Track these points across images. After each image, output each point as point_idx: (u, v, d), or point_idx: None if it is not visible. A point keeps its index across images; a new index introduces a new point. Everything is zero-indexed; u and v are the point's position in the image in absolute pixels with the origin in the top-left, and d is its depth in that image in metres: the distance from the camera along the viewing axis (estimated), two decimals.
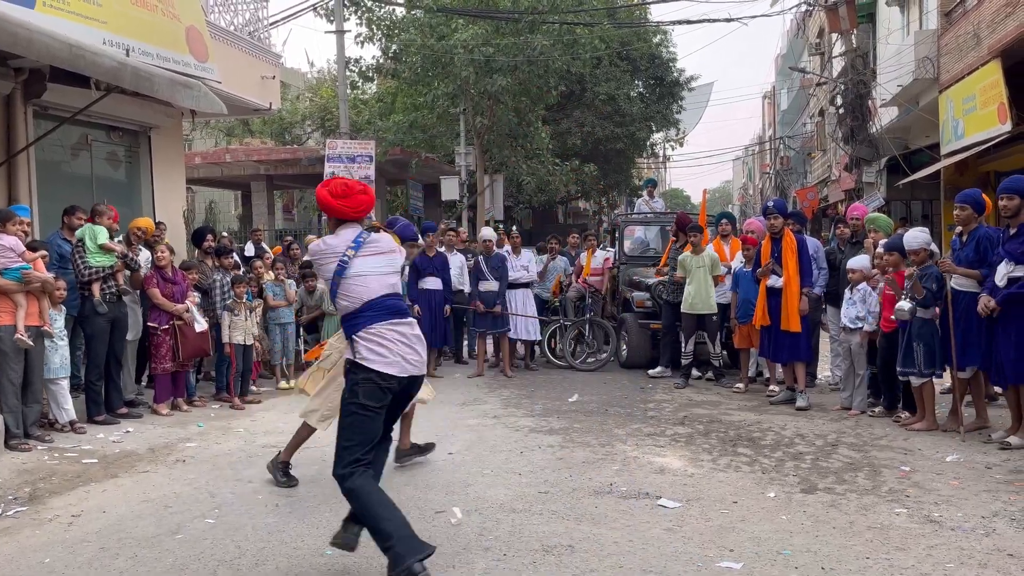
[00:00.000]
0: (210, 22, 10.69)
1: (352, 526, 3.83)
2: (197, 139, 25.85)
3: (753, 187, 64.11)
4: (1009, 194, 5.84)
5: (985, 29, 12.14)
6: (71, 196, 8.42)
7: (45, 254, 6.65)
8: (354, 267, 3.73)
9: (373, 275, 3.75)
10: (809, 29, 28.81)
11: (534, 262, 10.28)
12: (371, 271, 3.76)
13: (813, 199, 28.09)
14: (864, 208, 8.83)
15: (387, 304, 3.76)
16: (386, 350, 3.67)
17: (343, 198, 3.83)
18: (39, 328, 6.35)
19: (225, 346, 7.95)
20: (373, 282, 3.74)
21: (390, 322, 3.72)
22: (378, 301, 3.73)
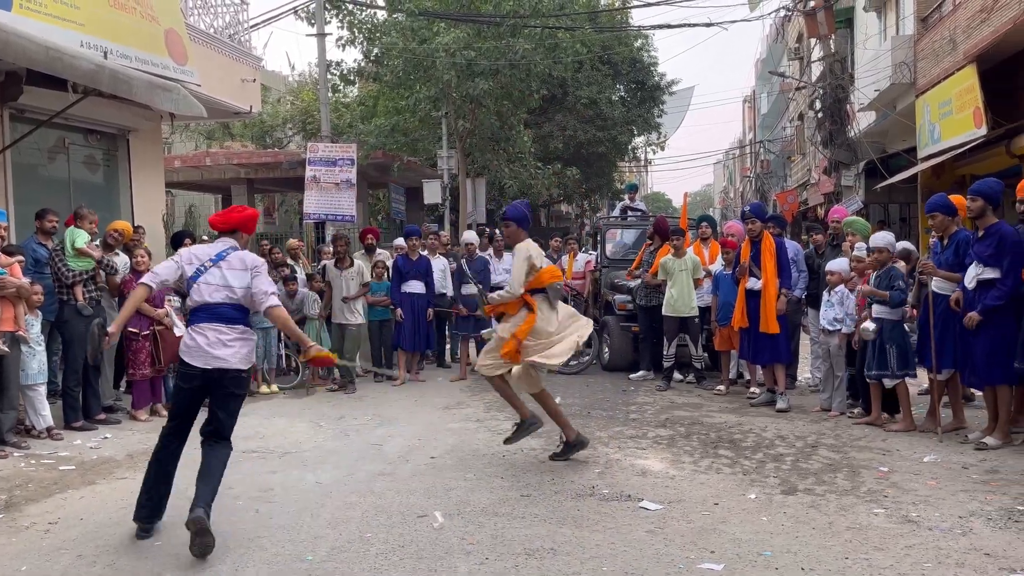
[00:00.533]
0: (189, 24, 10.62)
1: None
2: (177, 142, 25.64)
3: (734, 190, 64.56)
4: (972, 196, 5.96)
5: (961, 34, 12.31)
6: (48, 200, 8.33)
7: (21, 259, 6.58)
8: (206, 276, 4.40)
9: (216, 285, 4.41)
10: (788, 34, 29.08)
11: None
12: (216, 282, 4.41)
13: (793, 202, 28.33)
14: (845, 211, 8.92)
15: (219, 311, 4.38)
16: (196, 345, 4.31)
17: (220, 215, 4.71)
18: (14, 334, 6.27)
19: None
20: (215, 291, 4.41)
21: (214, 324, 4.34)
22: (212, 306, 4.38)
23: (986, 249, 5.85)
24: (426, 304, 9.48)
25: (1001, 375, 5.85)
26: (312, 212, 15.11)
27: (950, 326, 6.23)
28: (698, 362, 8.96)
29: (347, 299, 9.05)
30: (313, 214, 15.16)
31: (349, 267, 9.18)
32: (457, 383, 9.34)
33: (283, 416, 7.65)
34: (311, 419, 7.48)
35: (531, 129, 21.59)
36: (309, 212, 15.17)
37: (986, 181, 6.10)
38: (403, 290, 9.38)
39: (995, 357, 5.82)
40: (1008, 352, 5.78)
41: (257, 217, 5.00)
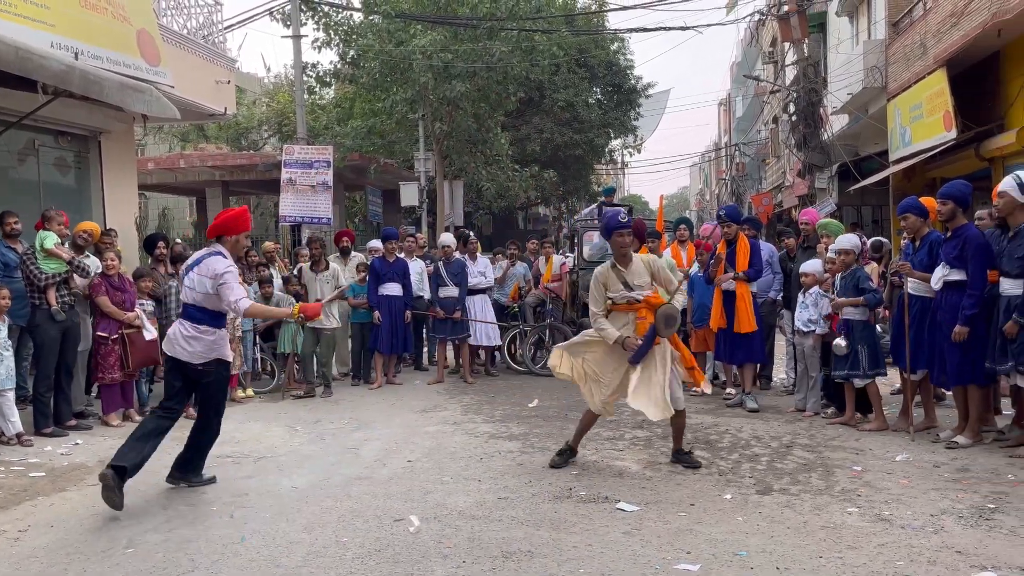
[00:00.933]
0: (162, 25, 10.51)
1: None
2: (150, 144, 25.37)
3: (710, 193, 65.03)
4: (943, 199, 6.04)
5: (931, 39, 12.49)
6: (17, 203, 8.21)
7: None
8: (186, 278, 5.27)
9: (187, 288, 5.24)
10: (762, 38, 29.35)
11: (491, 268, 10.27)
12: (188, 285, 5.23)
13: (768, 204, 28.57)
14: (815, 213, 9.00)
15: (188, 310, 5.24)
16: (170, 336, 5.26)
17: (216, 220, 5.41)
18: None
19: None
20: (186, 292, 5.27)
21: (181, 321, 5.24)
22: (185, 305, 5.29)
23: (952, 251, 5.94)
24: (403, 306, 9.44)
25: (972, 375, 5.94)
26: (288, 215, 15.01)
27: (923, 327, 6.32)
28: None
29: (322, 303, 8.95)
30: (289, 217, 15.06)
31: (324, 270, 9.09)
32: (434, 386, 9.31)
33: (258, 420, 7.59)
34: (287, 423, 7.43)
35: (508, 131, 21.62)
36: (285, 215, 15.07)
37: (955, 184, 6.19)
38: (380, 292, 9.34)
39: (967, 358, 5.91)
40: (979, 353, 5.87)
41: (237, 215, 5.44)
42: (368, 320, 9.43)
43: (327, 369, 8.94)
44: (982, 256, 5.80)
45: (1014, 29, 10.35)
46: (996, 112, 11.84)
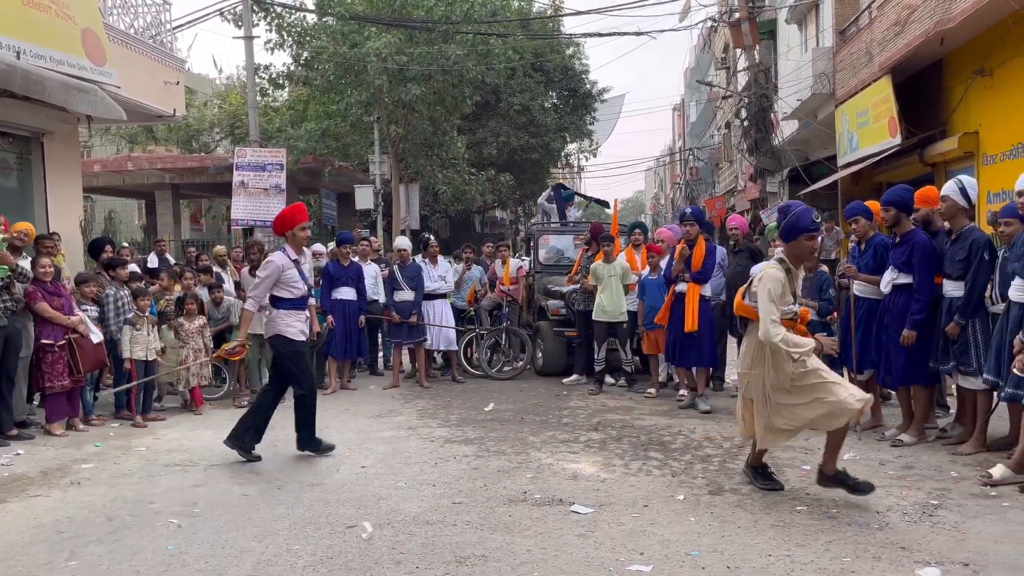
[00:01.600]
0: (108, 25, 10.29)
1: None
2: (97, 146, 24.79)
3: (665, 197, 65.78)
4: (886, 206, 6.19)
5: (876, 47, 12.81)
6: None
7: None
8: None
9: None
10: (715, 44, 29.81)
11: (451, 272, 10.22)
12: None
13: (721, 208, 29.00)
14: (741, 219, 9.14)
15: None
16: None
17: None
18: None
19: (125, 362, 7.62)
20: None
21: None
22: None
23: (901, 256, 6.09)
24: (357, 311, 9.35)
25: (916, 376, 6.09)
26: (240, 218, 14.79)
27: (870, 328, 6.46)
28: (628, 365, 9.08)
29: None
30: (241, 220, 14.85)
31: None
32: (389, 391, 9.24)
33: (209, 428, 7.44)
34: None
35: (464, 135, 21.61)
36: (237, 218, 14.85)
37: (896, 190, 6.34)
38: (334, 296, 9.24)
39: (911, 359, 6.05)
40: (924, 354, 6.02)
41: (289, 212, 6.24)
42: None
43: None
44: (929, 262, 5.95)
45: (956, 38, 10.68)
46: (939, 119, 12.20)
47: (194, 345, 8.16)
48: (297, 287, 6.17)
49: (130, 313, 7.78)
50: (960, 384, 5.98)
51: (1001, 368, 5.29)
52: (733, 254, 8.42)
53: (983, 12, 9.33)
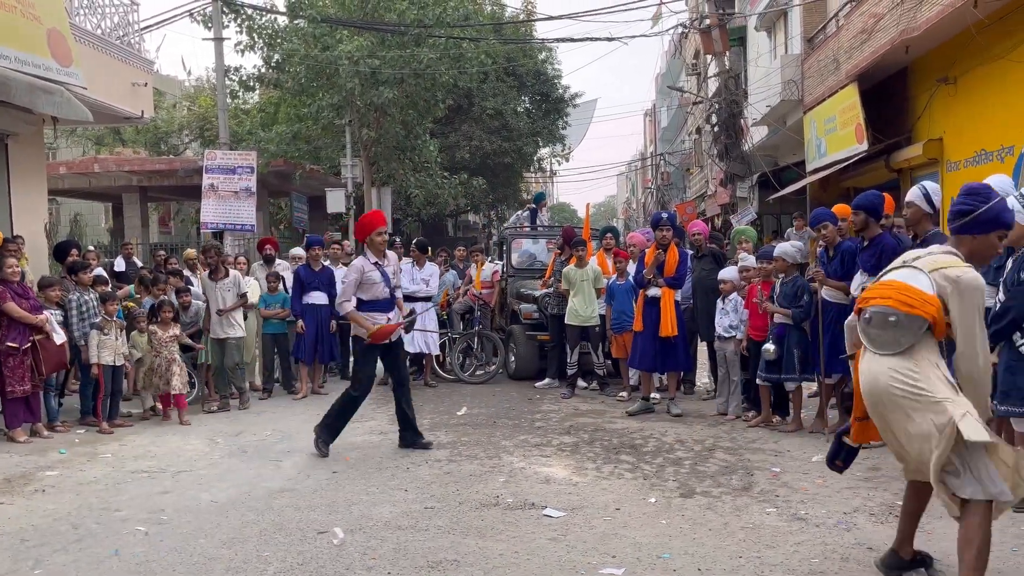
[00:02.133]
0: (75, 25, 10.13)
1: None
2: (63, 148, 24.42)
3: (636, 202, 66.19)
4: (855, 210, 6.28)
5: (843, 55, 13.01)
6: None
7: None
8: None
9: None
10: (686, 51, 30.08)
11: (436, 275, 10.15)
12: None
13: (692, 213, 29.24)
14: (703, 224, 9.21)
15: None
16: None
17: None
18: None
19: (92, 367, 7.49)
20: None
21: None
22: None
23: (870, 259, 6.18)
24: (329, 315, 9.29)
25: None
26: (210, 222, 14.62)
27: (839, 332, 6.54)
28: (600, 369, 9.12)
29: (222, 312, 8.44)
30: (211, 223, 14.68)
31: (224, 278, 8.55)
32: None
33: (177, 433, 7.35)
34: (207, 435, 7.21)
35: (437, 139, 21.58)
36: (207, 221, 14.68)
37: (866, 195, 6.44)
38: (305, 301, 9.16)
39: None
40: None
41: (365, 219, 6.61)
42: (281, 331, 9.21)
43: (237, 379, 8.54)
44: None
45: (920, 47, 10.88)
46: (904, 126, 12.42)
47: (167, 354, 7.92)
48: (378, 289, 6.45)
49: (97, 318, 7.65)
50: None
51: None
52: (697, 259, 8.48)
53: (947, 22, 9.52)
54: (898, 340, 3.43)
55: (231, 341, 8.47)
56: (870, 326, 3.53)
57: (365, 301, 6.45)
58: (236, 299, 8.56)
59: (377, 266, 6.48)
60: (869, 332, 3.53)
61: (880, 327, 3.47)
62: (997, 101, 9.69)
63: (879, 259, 6.10)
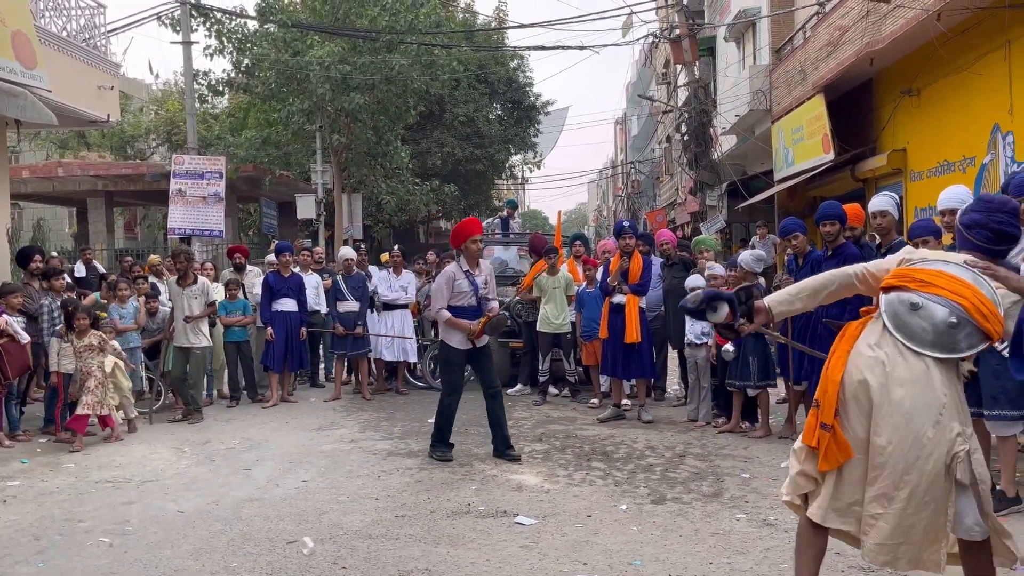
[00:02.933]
0: (40, 27, 9.97)
1: None
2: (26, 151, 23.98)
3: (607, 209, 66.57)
4: (830, 221, 6.36)
5: (810, 66, 13.22)
6: None
7: None
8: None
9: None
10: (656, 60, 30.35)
11: (414, 283, 10.10)
12: None
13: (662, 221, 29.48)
14: (670, 234, 9.28)
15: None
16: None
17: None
18: None
19: (52, 375, 7.33)
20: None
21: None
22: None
23: (835, 267, 6.27)
24: (299, 322, 9.20)
25: None
26: (177, 227, 14.44)
27: (804, 339, 6.62)
28: (571, 376, 9.14)
29: (190, 319, 8.21)
30: (178, 229, 14.50)
31: (192, 284, 8.31)
32: (331, 403, 9.10)
33: (143, 442, 7.22)
34: (173, 444, 7.10)
35: (408, 145, 21.53)
36: (174, 227, 14.50)
37: (833, 205, 6.53)
38: (274, 308, 9.06)
39: None
40: None
41: (460, 227, 6.56)
42: (244, 339, 9.10)
43: (196, 392, 8.36)
44: None
45: (885, 59, 11.08)
46: (869, 136, 12.64)
47: (83, 366, 7.17)
48: (465, 298, 6.41)
49: (59, 324, 7.51)
50: None
51: None
52: (667, 267, 8.54)
53: (910, 35, 9.71)
54: (958, 344, 2.92)
55: (196, 351, 8.23)
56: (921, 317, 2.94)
57: (451, 308, 6.41)
58: (204, 307, 8.33)
59: (468, 275, 6.44)
60: (913, 323, 2.94)
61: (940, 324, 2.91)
62: (959, 112, 9.90)
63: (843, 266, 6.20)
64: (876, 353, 2.95)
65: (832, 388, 2.98)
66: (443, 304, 6.44)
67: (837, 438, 2.96)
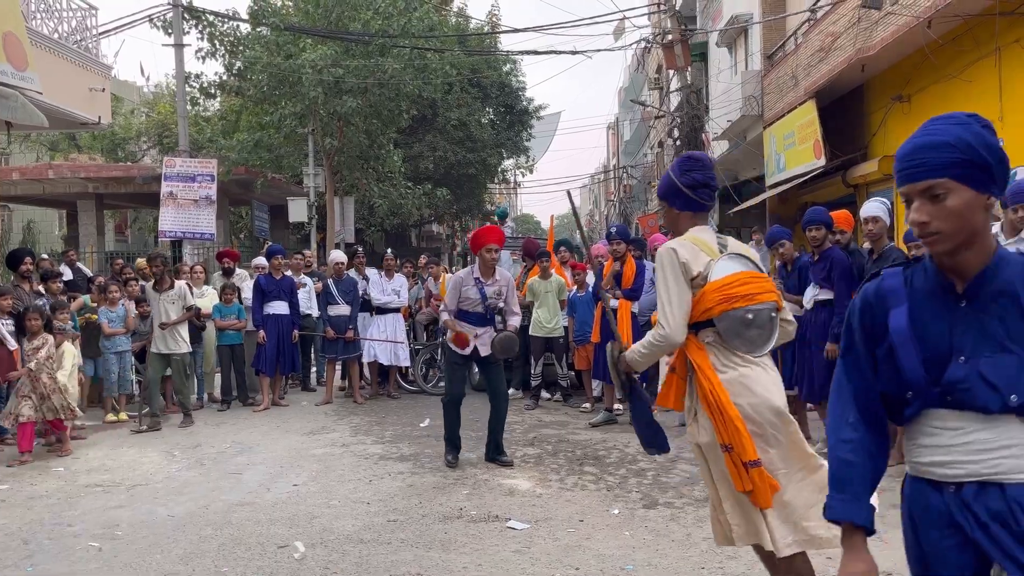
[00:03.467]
0: (31, 29, 9.93)
1: None
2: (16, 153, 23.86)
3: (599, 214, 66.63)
4: (816, 226, 6.40)
5: (801, 72, 13.27)
6: None
7: None
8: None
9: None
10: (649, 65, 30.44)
11: (406, 287, 10.09)
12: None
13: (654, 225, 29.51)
14: (664, 238, 9.31)
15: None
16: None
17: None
18: None
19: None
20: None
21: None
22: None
23: (821, 272, 6.32)
24: (291, 325, 9.18)
25: None
26: (168, 230, 14.39)
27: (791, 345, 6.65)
28: (563, 380, 9.14)
29: (165, 325, 8.07)
30: (169, 232, 14.45)
31: (169, 289, 8.18)
32: (323, 407, 9.08)
33: (133, 446, 7.19)
34: (164, 448, 7.06)
35: (401, 148, 21.50)
36: (165, 230, 14.45)
37: (819, 211, 6.58)
38: (266, 311, 9.04)
39: (831, 373, 6.25)
40: None
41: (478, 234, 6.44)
42: (238, 342, 9.07)
43: (183, 397, 8.27)
44: (848, 276, 6.19)
45: (876, 65, 11.15)
46: (860, 142, 12.69)
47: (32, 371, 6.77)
48: (471, 304, 6.35)
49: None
50: None
51: None
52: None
53: (901, 41, 9.77)
54: (775, 329, 3.12)
55: (175, 358, 8.13)
56: (754, 326, 3.02)
57: (460, 311, 6.42)
58: (182, 311, 8.17)
59: (478, 282, 6.35)
60: (750, 334, 3.03)
61: (766, 321, 3.05)
62: None
63: (829, 271, 6.24)
64: (732, 375, 2.99)
65: (738, 423, 2.93)
66: (450, 306, 6.45)
67: (762, 473, 2.92)
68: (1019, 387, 1.72)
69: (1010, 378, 1.73)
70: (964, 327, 1.78)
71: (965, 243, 1.78)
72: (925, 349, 1.81)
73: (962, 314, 1.79)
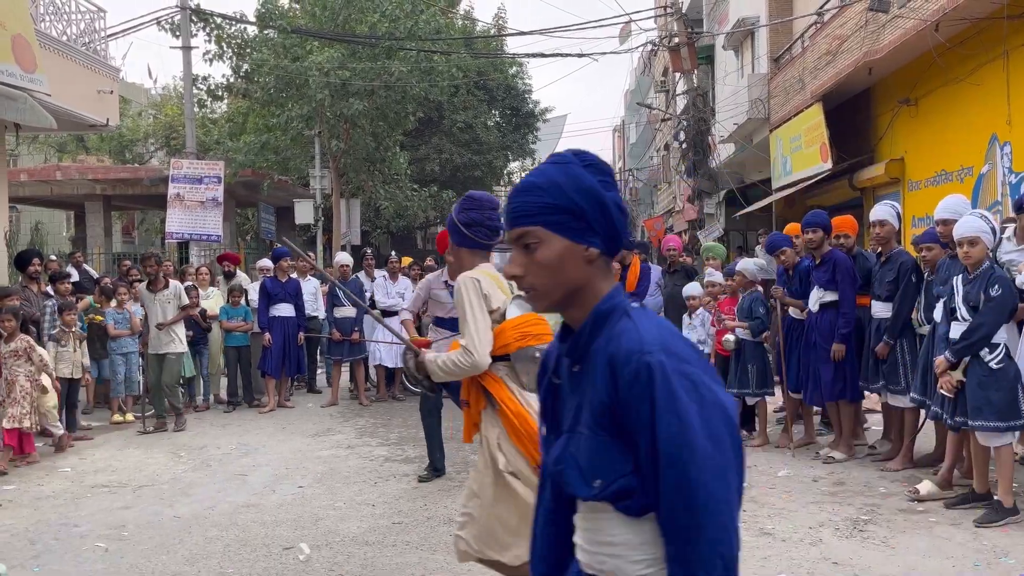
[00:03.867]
0: (40, 31, 9.96)
1: None
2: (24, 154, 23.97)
3: None
4: (812, 229, 6.38)
5: (808, 75, 13.25)
6: None
7: None
8: None
9: None
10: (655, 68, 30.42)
11: (411, 289, 10.09)
12: None
13: (659, 229, 29.50)
14: (677, 240, 9.32)
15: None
16: None
17: None
18: None
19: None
20: None
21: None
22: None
23: (824, 275, 6.30)
24: (296, 328, 9.20)
25: (843, 391, 6.28)
26: (175, 231, 14.43)
27: (796, 348, 6.64)
28: None
29: (162, 326, 8.01)
30: (176, 233, 14.49)
31: (163, 289, 8.11)
32: (328, 409, 9.09)
33: (139, 447, 7.21)
34: (170, 450, 7.08)
35: (407, 151, 21.54)
36: (172, 231, 14.49)
37: (816, 214, 6.57)
38: (272, 313, 9.06)
39: (839, 374, 6.24)
40: (849, 369, 6.22)
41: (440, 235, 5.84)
42: (244, 343, 9.09)
43: (173, 398, 8.16)
44: (851, 278, 6.18)
45: (883, 68, 11.12)
46: (867, 145, 12.66)
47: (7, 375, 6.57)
48: (444, 309, 5.98)
49: (54, 329, 7.50)
50: (888, 402, 6.17)
51: (927, 387, 5.48)
52: (669, 274, 8.54)
53: (908, 45, 9.74)
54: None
55: (171, 357, 8.07)
56: (536, 365, 2.83)
57: (437, 317, 6.09)
58: (177, 311, 8.11)
59: (447, 285, 5.86)
60: (533, 372, 3.00)
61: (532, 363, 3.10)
62: (957, 123, 9.93)
63: (832, 274, 6.23)
64: (526, 406, 3.09)
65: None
66: (410, 307, 6.25)
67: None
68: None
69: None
70: (570, 395, 1.55)
71: (563, 301, 1.57)
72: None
73: (576, 379, 1.55)
